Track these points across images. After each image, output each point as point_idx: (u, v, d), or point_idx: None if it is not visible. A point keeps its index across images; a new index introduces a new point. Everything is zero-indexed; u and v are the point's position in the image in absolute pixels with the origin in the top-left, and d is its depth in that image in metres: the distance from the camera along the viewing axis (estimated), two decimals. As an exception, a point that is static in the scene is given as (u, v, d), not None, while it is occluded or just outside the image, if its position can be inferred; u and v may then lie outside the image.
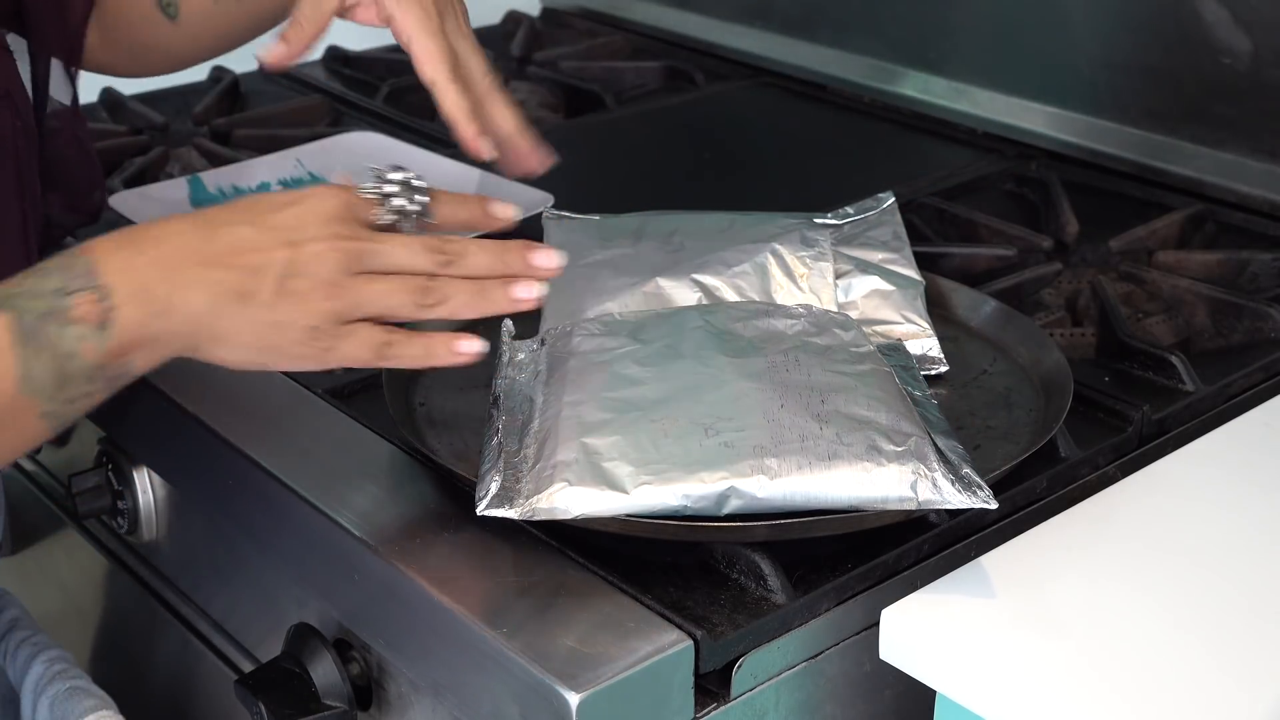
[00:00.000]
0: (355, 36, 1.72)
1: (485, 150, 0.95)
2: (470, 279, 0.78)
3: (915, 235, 1.10)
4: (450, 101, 0.95)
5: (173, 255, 0.73)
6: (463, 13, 1.01)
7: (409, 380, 0.95)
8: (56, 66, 0.97)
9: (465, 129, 0.95)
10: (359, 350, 0.76)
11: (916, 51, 1.49)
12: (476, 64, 0.98)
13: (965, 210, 1.24)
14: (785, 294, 0.98)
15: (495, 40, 1.73)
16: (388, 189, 0.79)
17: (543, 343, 0.91)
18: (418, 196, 0.79)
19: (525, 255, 0.80)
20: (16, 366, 0.68)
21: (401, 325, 0.78)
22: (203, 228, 0.74)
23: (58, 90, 0.97)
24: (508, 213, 0.83)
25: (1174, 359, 0.99)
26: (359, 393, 0.97)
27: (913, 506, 0.77)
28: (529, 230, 1.11)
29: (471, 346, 0.79)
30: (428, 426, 0.91)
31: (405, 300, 0.76)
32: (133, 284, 0.71)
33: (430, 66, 0.96)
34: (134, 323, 0.71)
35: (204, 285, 0.72)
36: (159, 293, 0.71)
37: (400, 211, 0.78)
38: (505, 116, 0.99)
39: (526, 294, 0.79)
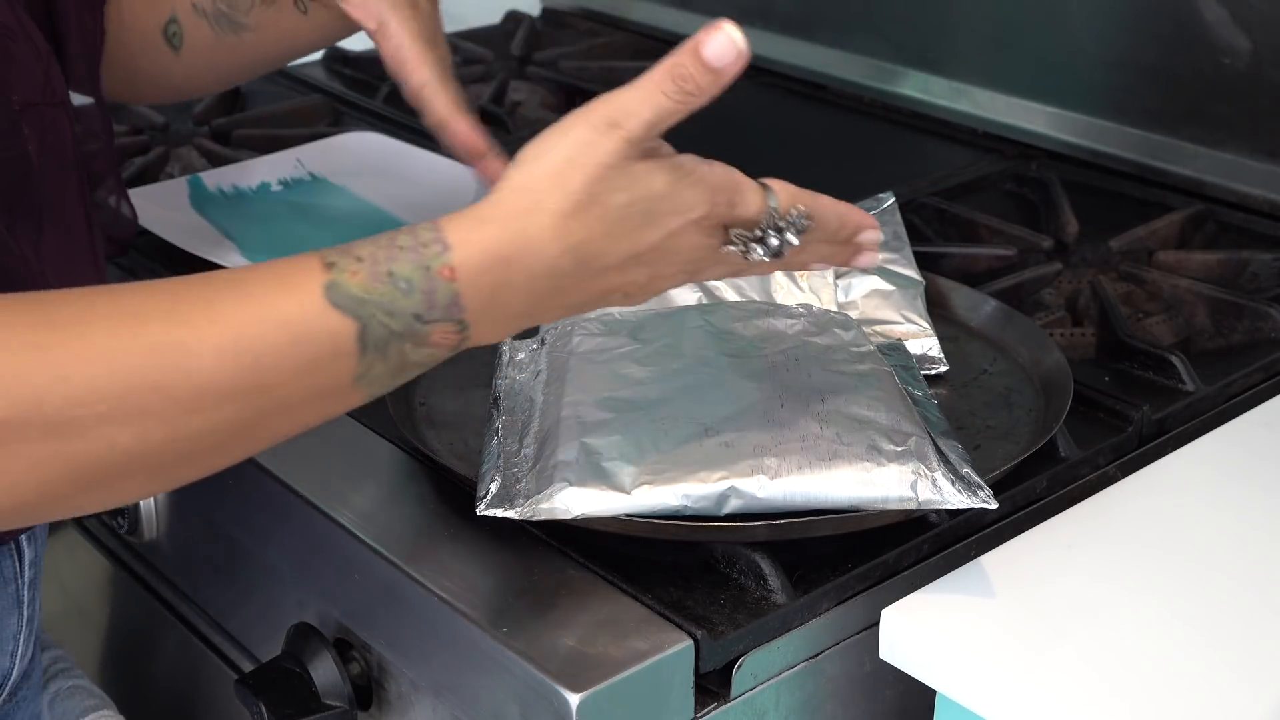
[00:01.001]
0: (355, 36, 1.73)
1: (484, 143, 0.93)
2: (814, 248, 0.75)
3: (915, 235, 1.10)
4: (443, 102, 0.93)
5: (545, 294, 0.68)
6: None
7: (409, 380, 0.95)
8: None
9: (461, 123, 0.93)
10: (721, 274, 0.75)
11: (916, 51, 1.49)
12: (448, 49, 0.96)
13: (965, 210, 1.24)
14: (785, 294, 0.98)
15: (495, 40, 1.73)
16: (758, 230, 0.73)
17: (543, 343, 0.91)
18: (789, 233, 0.73)
19: (862, 241, 0.77)
20: (358, 367, 0.65)
21: None
22: (579, 268, 0.68)
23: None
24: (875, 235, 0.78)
25: (1174, 359, 0.99)
26: (359, 393, 0.97)
27: (913, 506, 0.77)
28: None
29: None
30: (428, 426, 0.91)
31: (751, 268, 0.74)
32: (496, 318, 0.68)
33: (423, 70, 0.94)
34: (486, 340, 0.69)
35: (564, 311, 0.71)
36: (519, 324, 0.70)
37: (762, 243, 0.73)
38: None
39: (861, 259, 0.77)
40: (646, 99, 0.70)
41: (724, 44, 0.71)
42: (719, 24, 0.70)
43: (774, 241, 0.72)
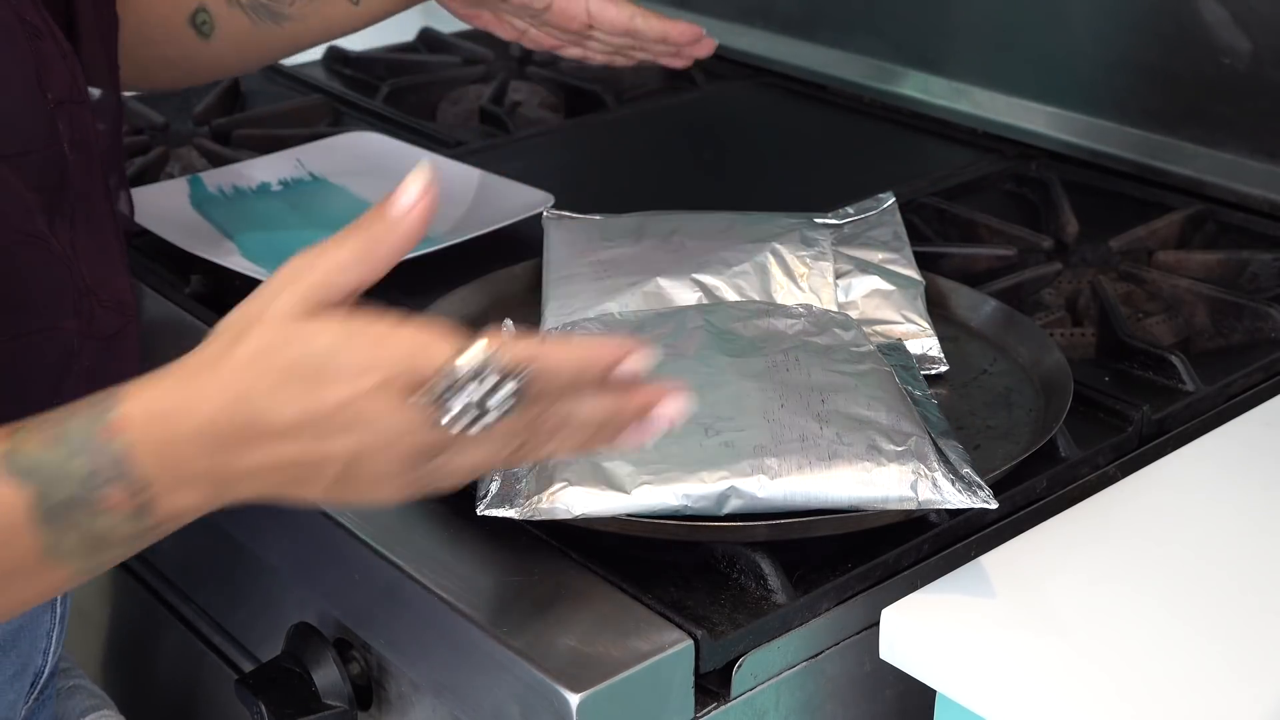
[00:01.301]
0: (355, 36, 1.73)
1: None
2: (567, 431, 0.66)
3: (915, 235, 1.10)
4: (655, 23, 0.97)
5: (217, 451, 0.63)
6: None
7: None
8: None
9: (686, 31, 0.96)
10: (447, 489, 0.66)
11: (916, 51, 1.49)
12: None
13: (965, 210, 1.24)
14: (785, 293, 0.98)
15: (495, 40, 1.73)
16: (450, 384, 0.62)
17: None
18: (502, 392, 0.62)
19: (641, 395, 0.66)
20: (44, 539, 0.62)
21: None
22: (246, 426, 0.63)
23: None
24: (639, 363, 0.66)
25: (1174, 359, 0.99)
26: (359, 392, 0.97)
27: (913, 506, 0.77)
28: (529, 230, 1.12)
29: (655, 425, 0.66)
30: (428, 426, 0.91)
31: (487, 467, 0.66)
32: (173, 473, 0.63)
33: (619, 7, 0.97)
34: (175, 509, 0.64)
35: (254, 480, 0.64)
36: (200, 479, 0.64)
37: (478, 405, 0.63)
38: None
39: (633, 432, 0.66)
40: (327, 252, 0.65)
41: (408, 199, 0.66)
42: (414, 179, 0.66)
43: (462, 399, 0.61)
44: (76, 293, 0.79)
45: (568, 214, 1.10)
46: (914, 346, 0.96)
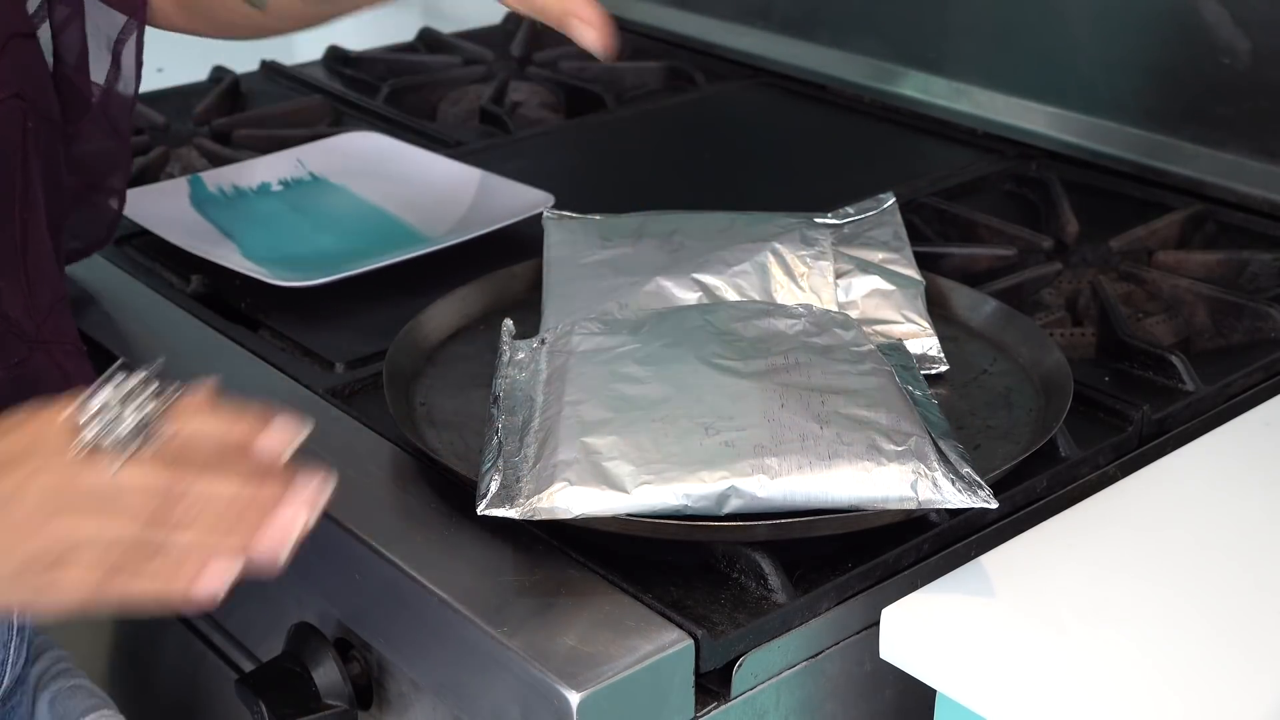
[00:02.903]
0: (356, 37, 1.73)
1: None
2: (208, 518, 0.63)
3: (915, 235, 1.10)
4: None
5: None
6: None
7: (409, 380, 0.95)
8: (97, 44, 0.96)
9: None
10: (72, 593, 0.62)
11: (916, 51, 1.49)
12: None
13: (965, 210, 1.24)
14: (785, 293, 0.98)
15: (495, 40, 1.73)
16: (94, 405, 0.62)
17: (543, 342, 0.91)
18: (139, 412, 0.62)
19: (282, 480, 0.64)
20: None
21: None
22: None
23: (98, 71, 0.96)
24: (281, 440, 0.65)
25: (1174, 359, 0.99)
26: (359, 393, 0.97)
27: (913, 506, 0.77)
28: (529, 230, 1.12)
29: (213, 582, 0.63)
30: (428, 426, 0.91)
31: (122, 532, 0.62)
32: None
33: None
34: None
35: None
36: None
37: (117, 429, 0.62)
38: None
39: (272, 544, 0.64)
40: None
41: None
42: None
43: (101, 416, 0.62)
44: None
45: (568, 214, 1.10)
46: (914, 346, 0.96)
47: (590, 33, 0.80)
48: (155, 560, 0.62)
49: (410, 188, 1.27)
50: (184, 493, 0.62)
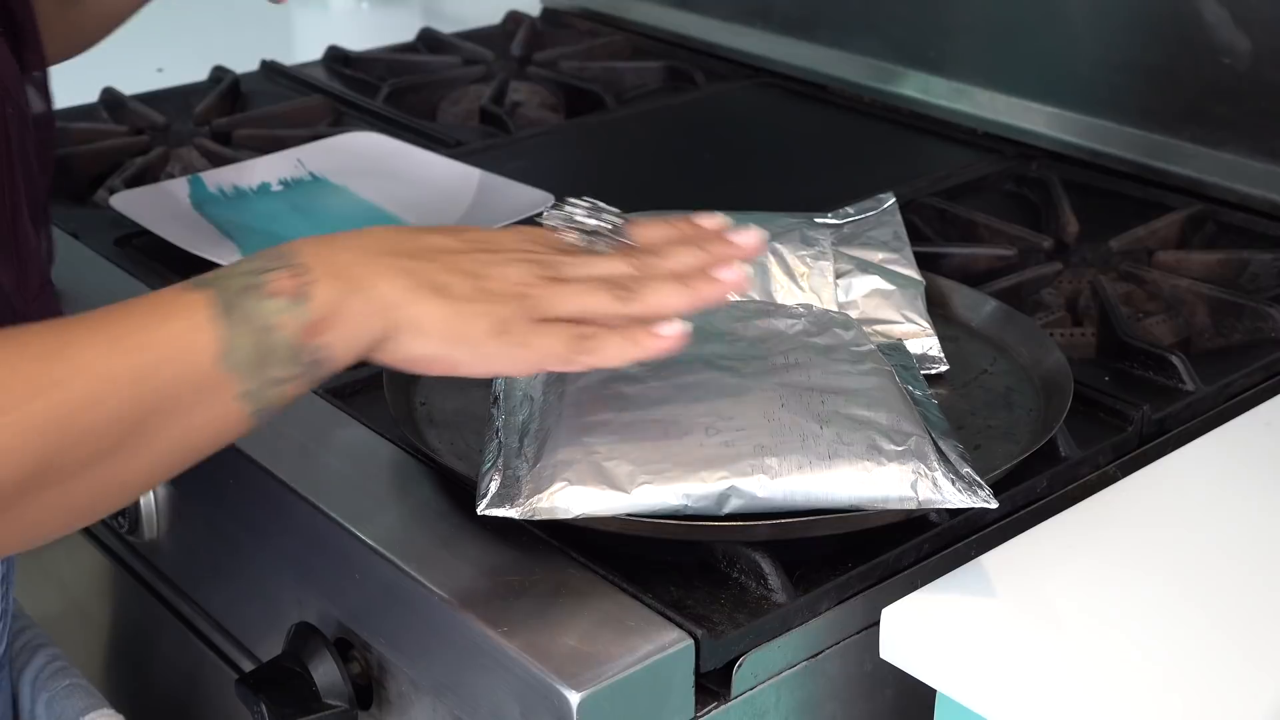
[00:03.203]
0: (356, 36, 1.73)
1: None
2: (671, 276, 0.77)
3: (915, 235, 1.10)
4: None
5: (371, 247, 0.73)
6: None
7: (409, 380, 0.95)
8: None
9: None
10: (554, 344, 0.74)
11: (916, 51, 1.49)
12: None
13: (965, 210, 1.24)
14: (785, 293, 0.98)
15: (495, 40, 1.73)
16: (573, 212, 0.79)
17: (543, 342, 0.91)
18: (606, 215, 0.79)
19: (725, 240, 0.79)
20: (217, 340, 0.68)
21: None
22: (401, 231, 0.76)
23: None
24: (714, 222, 0.81)
25: (1174, 359, 0.99)
26: (359, 392, 0.97)
27: (913, 506, 0.77)
28: (529, 230, 1.12)
29: (674, 329, 0.75)
30: (428, 426, 0.91)
31: (602, 298, 0.75)
32: (330, 265, 0.71)
33: None
34: (331, 298, 0.70)
35: (400, 274, 0.72)
36: (355, 273, 0.71)
37: (591, 231, 0.78)
38: None
39: (730, 275, 0.77)
40: None
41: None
42: None
43: (574, 220, 0.78)
44: None
45: (568, 214, 1.10)
46: (914, 346, 0.96)
47: None
48: (614, 334, 0.75)
49: (410, 188, 1.27)
50: (646, 265, 0.77)
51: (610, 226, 0.78)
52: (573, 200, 0.79)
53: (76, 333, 0.67)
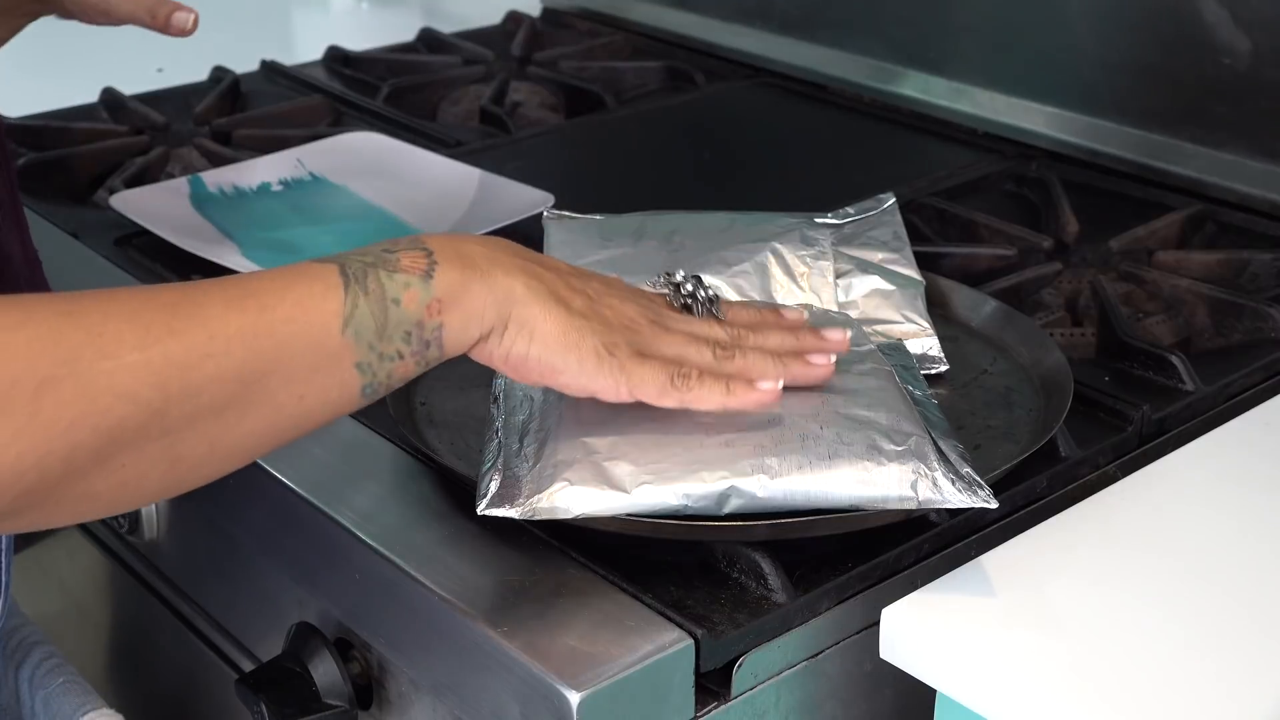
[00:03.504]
0: (356, 36, 1.73)
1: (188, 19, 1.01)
2: (764, 350, 0.81)
3: (915, 235, 1.10)
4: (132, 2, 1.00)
5: (499, 246, 0.76)
6: None
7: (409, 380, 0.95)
8: None
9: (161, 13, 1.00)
10: (654, 375, 0.77)
11: (916, 51, 1.49)
12: None
13: (965, 210, 1.24)
14: (785, 293, 0.98)
15: (495, 40, 1.73)
16: (677, 279, 0.84)
17: (543, 342, 0.91)
18: (703, 291, 0.83)
19: (815, 333, 0.84)
20: (341, 305, 0.70)
21: None
22: (525, 250, 0.78)
23: None
24: (797, 315, 0.87)
25: (1174, 359, 0.99)
26: (359, 392, 0.97)
27: (913, 506, 0.77)
28: (529, 230, 1.12)
29: (770, 385, 0.79)
30: (428, 426, 0.91)
31: (703, 350, 0.79)
32: (457, 252, 0.74)
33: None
34: (456, 279, 0.73)
35: (524, 273, 0.75)
36: (481, 264, 0.74)
37: (692, 297, 0.82)
38: None
39: (821, 361, 0.81)
40: None
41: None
42: None
43: (689, 289, 0.83)
44: None
45: (568, 214, 1.10)
46: (914, 346, 0.96)
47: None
48: (713, 380, 0.78)
49: (410, 188, 1.27)
50: (742, 336, 0.81)
51: (707, 300, 0.83)
52: (677, 272, 0.84)
53: (202, 289, 0.68)
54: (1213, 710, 0.70)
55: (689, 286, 0.83)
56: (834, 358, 0.82)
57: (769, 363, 0.80)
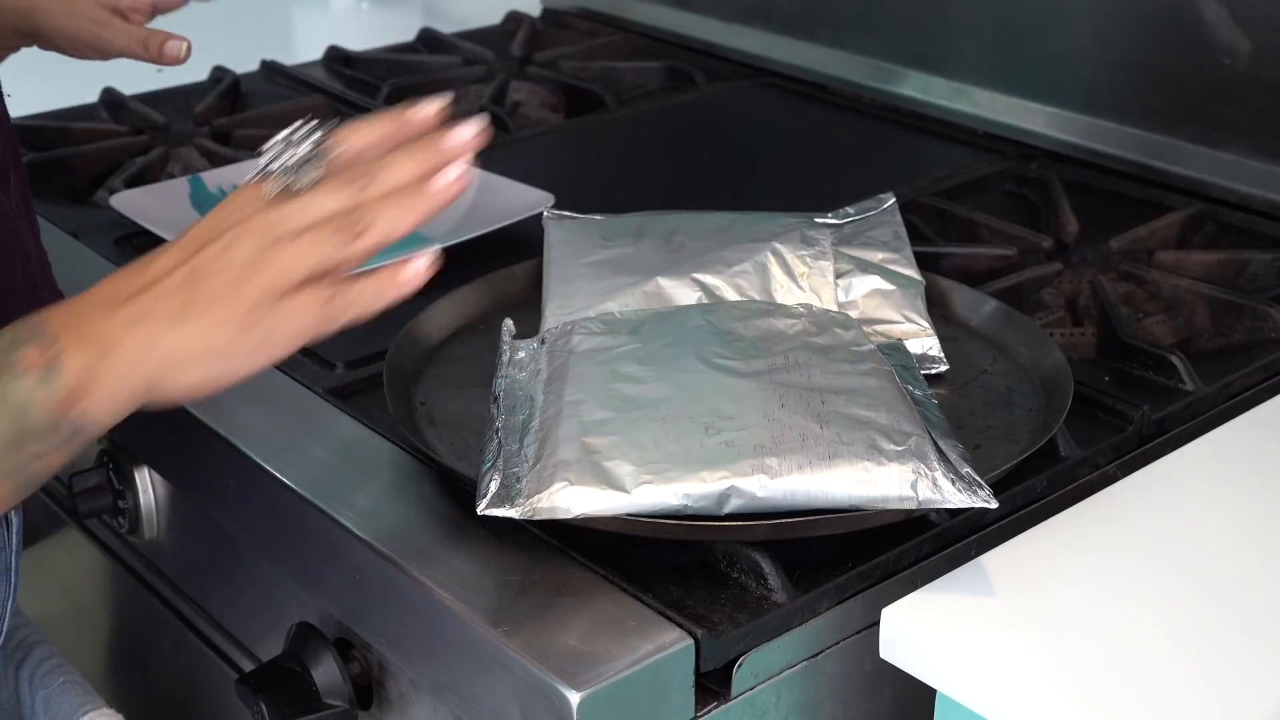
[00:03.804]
0: (356, 36, 1.73)
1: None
2: (393, 193, 0.73)
3: (915, 235, 1.10)
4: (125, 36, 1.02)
5: (109, 297, 0.71)
6: None
7: (410, 379, 0.95)
8: None
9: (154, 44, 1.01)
10: (304, 317, 0.71)
11: (916, 51, 1.49)
12: None
13: (965, 210, 1.24)
14: (785, 293, 0.98)
15: (495, 40, 1.73)
16: (263, 161, 0.74)
17: (543, 342, 0.91)
18: (304, 143, 0.73)
19: (440, 144, 0.74)
20: None
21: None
22: (134, 264, 0.73)
23: None
24: (438, 108, 0.76)
25: (1174, 359, 0.99)
26: (359, 392, 0.97)
27: (913, 506, 0.77)
28: (529, 230, 1.12)
29: (419, 265, 0.73)
30: (428, 426, 0.91)
31: (329, 242, 0.71)
32: (78, 330, 0.69)
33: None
34: (81, 366, 0.68)
35: (140, 317, 0.70)
36: (100, 332, 0.69)
37: (292, 169, 0.73)
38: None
39: (447, 180, 0.73)
40: None
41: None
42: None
43: (278, 161, 0.73)
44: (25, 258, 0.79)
45: (568, 214, 1.10)
46: (914, 346, 0.96)
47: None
48: (359, 286, 0.72)
49: (410, 188, 1.27)
50: (364, 187, 0.72)
51: (313, 151, 0.73)
52: (272, 140, 0.74)
53: None
54: (1212, 709, 0.70)
55: (280, 153, 0.73)
56: (461, 166, 0.74)
57: (402, 213, 0.72)
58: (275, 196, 0.72)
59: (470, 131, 0.74)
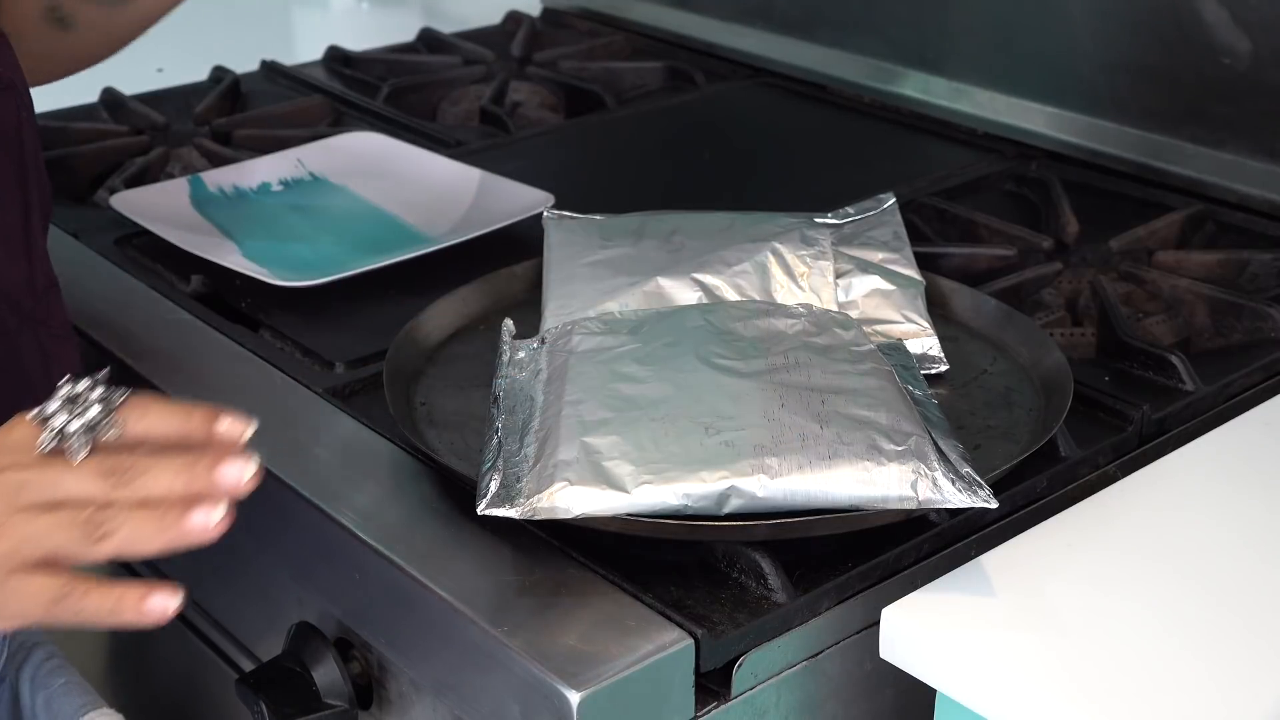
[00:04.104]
0: (356, 36, 1.73)
1: None
2: (148, 503, 0.68)
3: (915, 235, 1.10)
4: None
5: None
6: None
7: (410, 379, 0.95)
8: None
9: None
10: (29, 603, 0.67)
11: (916, 51, 1.49)
12: None
13: (965, 210, 1.24)
14: (785, 293, 0.98)
15: (495, 40, 1.73)
16: (50, 408, 0.69)
17: (543, 342, 0.91)
18: (90, 412, 0.69)
19: (213, 469, 0.68)
20: None
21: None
22: None
23: None
24: (235, 431, 0.70)
25: (1174, 359, 0.99)
26: (359, 392, 0.97)
27: (913, 506, 0.77)
28: (529, 230, 1.12)
29: (162, 603, 0.69)
30: (428, 426, 0.91)
31: (70, 532, 0.67)
32: None
33: None
34: None
35: None
36: None
37: (64, 433, 0.68)
38: None
39: (204, 520, 0.67)
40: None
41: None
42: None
43: (58, 418, 0.68)
44: None
45: (568, 214, 1.10)
46: (914, 346, 0.96)
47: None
48: (98, 594, 0.68)
49: (410, 188, 1.27)
50: (121, 484, 0.68)
51: (99, 416, 0.69)
52: (60, 392, 0.69)
53: None
54: (1212, 709, 0.70)
55: (57, 418, 0.68)
56: (221, 510, 0.68)
57: (148, 532, 0.67)
58: (46, 451, 0.68)
59: (245, 474, 0.68)
